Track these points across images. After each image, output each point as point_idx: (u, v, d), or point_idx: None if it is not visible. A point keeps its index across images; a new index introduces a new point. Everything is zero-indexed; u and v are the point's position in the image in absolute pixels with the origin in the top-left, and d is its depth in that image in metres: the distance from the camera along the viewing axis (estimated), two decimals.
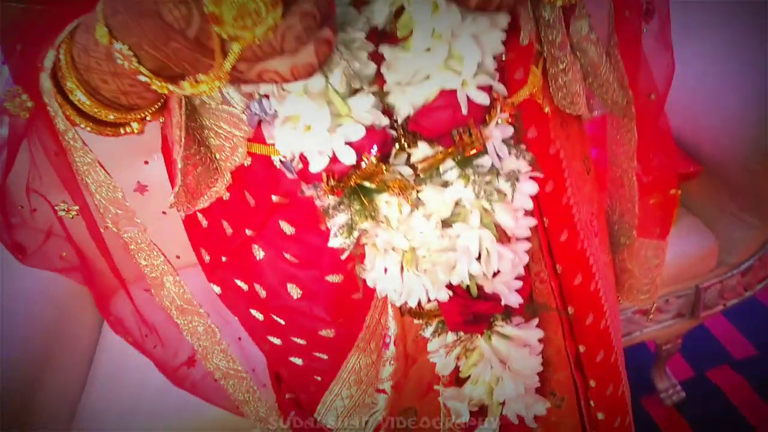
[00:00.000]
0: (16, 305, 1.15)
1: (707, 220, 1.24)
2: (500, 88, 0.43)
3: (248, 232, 0.54)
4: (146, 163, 0.83)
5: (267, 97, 0.44)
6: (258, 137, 0.48)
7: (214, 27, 0.30)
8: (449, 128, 0.43)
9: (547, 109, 0.52)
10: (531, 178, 0.46)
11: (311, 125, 0.42)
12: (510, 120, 0.45)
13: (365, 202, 0.44)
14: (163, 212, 0.65)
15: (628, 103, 0.56)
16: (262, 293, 0.57)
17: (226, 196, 0.53)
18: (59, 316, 1.21)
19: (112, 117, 0.43)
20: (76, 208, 0.49)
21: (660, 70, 0.59)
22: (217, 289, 0.62)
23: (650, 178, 0.64)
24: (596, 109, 0.59)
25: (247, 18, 0.30)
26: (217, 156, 0.50)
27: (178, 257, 0.72)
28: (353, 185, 0.43)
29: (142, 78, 0.36)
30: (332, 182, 0.43)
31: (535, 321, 0.53)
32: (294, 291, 0.55)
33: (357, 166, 0.42)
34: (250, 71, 0.33)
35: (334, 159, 0.42)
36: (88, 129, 0.44)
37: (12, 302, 1.15)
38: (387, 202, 0.45)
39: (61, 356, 1.17)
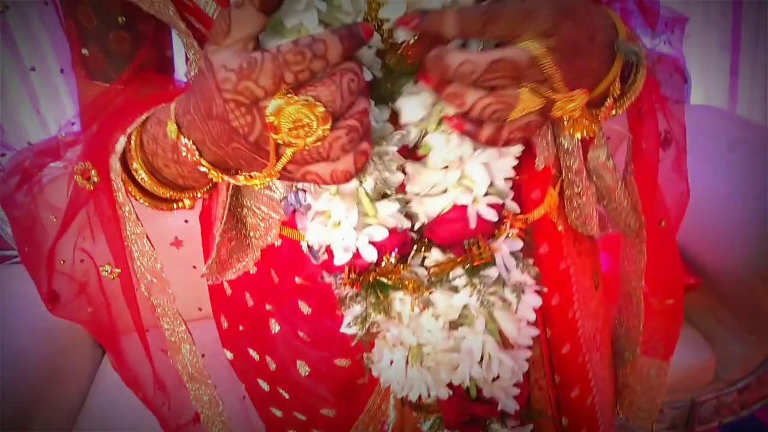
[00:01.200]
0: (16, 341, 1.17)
1: (706, 332, 1.24)
2: (513, 206, 0.47)
3: (268, 306, 0.57)
4: (186, 221, 0.87)
5: (304, 191, 0.48)
6: (291, 222, 0.52)
7: (272, 134, 0.35)
8: (460, 238, 0.46)
9: (560, 228, 0.56)
10: (536, 291, 0.49)
11: (340, 222, 0.45)
12: (520, 234, 0.49)
13: (381, 297, 0.47)
14: (194, 266, 0.68)
15: (640, 227, 0.59)
16: (272, 365, 0.59)
17: (253, 270, 0.56)
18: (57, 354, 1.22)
19: (168, 195, 0.47)
20: (118, 271, 0.53)
21: (674, 198, 0.62)
22: (229, 355, 0.64)
23: (657, 297, 0.66)
24: (609, 228, 0.62)
25: (300, 129, 0.34)
26: (252, 234, 0.54)
27: (200, 309, 0.75)
28: (371, 280, 0.46)
29: (202, 168, 0.41)
30: (353, 275, 0.46)
31: (530, 426, 0.54)
32: (303, 368, 0.57)
33: (377, 263, 0.45)
34: (296, 172, 0.38)
35: (357, 254, 0.46)
36: (146, 204, 0.48)
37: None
38: (401, 300, 0.47)
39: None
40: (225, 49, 0.36)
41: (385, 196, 0.47)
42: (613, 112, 0.47)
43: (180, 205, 0.50)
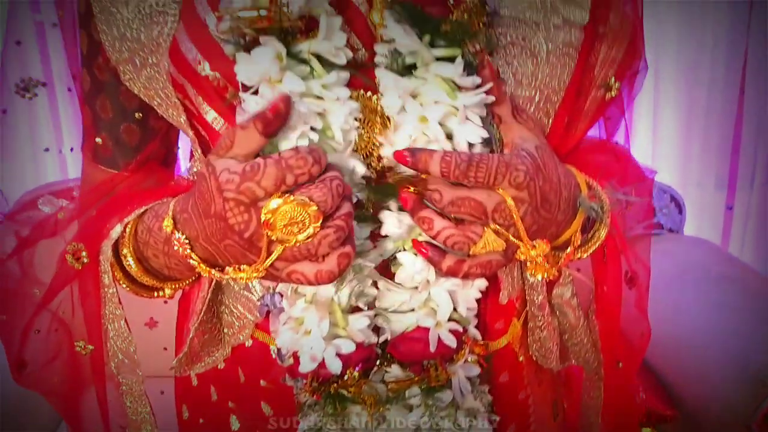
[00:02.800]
0: None
1: None
2: (474, 333, 0.51)
3: (231, 404, 0.59)
4: (165, 302, 0.90)
5: (281, 294, 0.52)
6: (264, 326, 0.55)
7: (268, 231, 0.39)
8: (421, 358, 0.50)
9: (521, 358, 0.59)
10: (488, 420, 0.51)
11: (311, 331, 0.49)
12: (480, 361, 0.52)
13: (339, 408, 0.50)
14: (165, 348, 0.71)
15: (599, 365, 0.63)
16: None
17: (221, 365, 0.59)
18: None
19: (152, 283, 0.51)
20: (91, 348, 0.56)
21: (634, 338, 0.65)
22: None
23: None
24: (571, 361, 0.65)
25: (294, 226, 0.39)
26: (225, 330, 0.58)
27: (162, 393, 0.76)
28: (332, 391, 0.49)
29: (192, 262, 0.45)
30: (315, 384, 0.49)
31: None
32: None
33: (341, 375, 0.48)
34: (283, 270, 0.42)
35: (322, 364, 0.49)
36: (128, 289, 0.52)
37: None
38: (357, 414, 0.50)
39: None
40: (227, 158, 0.41)
41: (356, 309, 0.51)
42: (577, 256, 0.52)
43: (161, 293, 0.54)
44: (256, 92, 0.45)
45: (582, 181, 0.51)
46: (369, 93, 0.50)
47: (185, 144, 0.64)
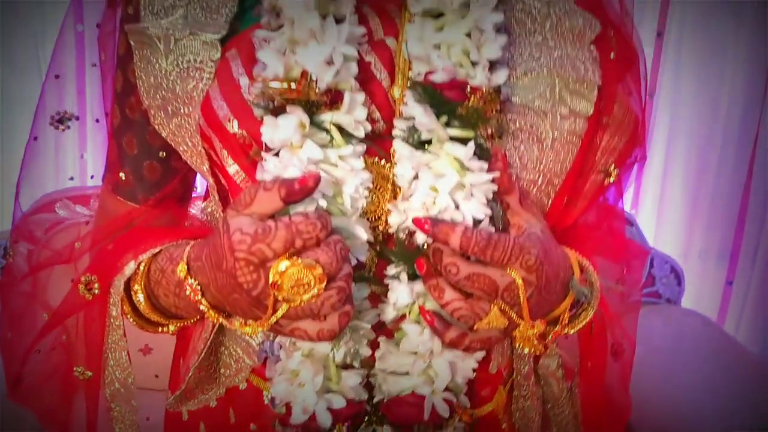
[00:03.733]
0: None
1: None
2: (465, 401, 0.54)
3: None
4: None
5: (280, 345, 0.55)
6: (260, 371, 0.58)
7: (275, 291, 0.42)
8: (412, 422, 0.52)
9: (504, 425, 0.61)
10: None
11: (305, 384, 0.52)
12: (466, 429, 0.55)
13: None
14: (156, 375, 0.73)
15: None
16: None
17: (213, 404, 0.62)
18: None
19: (157, 319, 0.54)
20: (90, 374, 0.59)
21: (614, 412, 0.67)
22: None
23: None
24: (552, 430, 0.67)
25: (300, 287, 0.42)
26: (222, 371, 0.61)
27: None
28: None
29: (202, 308, 0.48)
30: None
31: None
32: None
33: (330, 429, 0.51)
34: (286, 326, 0.45)
35: (313, 416, 0.51)
36: (134, 322, 0.55)
37: None
38: None
39: None
40: (243, 216, 0.45)
41: (349, 366, 0.54)
42: (564, 332, 0.55)
43: (164, 329, 0.57)
44: (277, 154, 0.49)
45: (575, 262, 0.54)
46: (383, 161, 0.54)
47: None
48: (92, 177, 1.48)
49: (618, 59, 0.62)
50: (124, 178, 0.64)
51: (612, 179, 0.62)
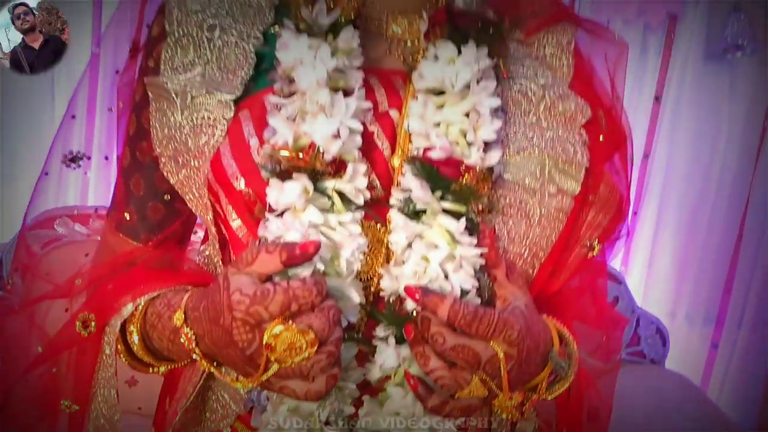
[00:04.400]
0: None
1: None
2: None
3: None
4: None
5: (268, 398, 0.57)
6: (245, 419, 0.60)
7: (268, 353, 0.45)
8: None
9: None
10: None
11: None
12: None
13: None
14: (139, 408, 0.75)
15: None
16: None
17: None
18: None
19: (149, 360, 0.56)
20: (76, 408, 0.61)
21: None
22: None
23: None
24: None
25: (292, 350, 0.45)
26: (208, 415, 0.63)
27: None
28: None
29: (194, 356, 0.50)
30: None
31: None
32: None
33: None
34: (276, 384, 0.48)
35: None
36: (126, 362, 0.58)
37: None
38: None
39: None
40: (243, 274, 0.48)
41: (333, 423, 0.56)
42: (542, 398, 0.58)
43: (155, 370, 0.59)
44: (281, 214, 0.53)
45: (555, 335, 0.57)
46: (379, 225, 0.57)
47: None
48: (96, 210, 1.54)
49: (607, 140, 0.66)
50: (128, 218, 0.67)
51: (595, 253, 0.66)
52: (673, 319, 2.07)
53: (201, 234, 0.74)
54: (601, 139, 0.64)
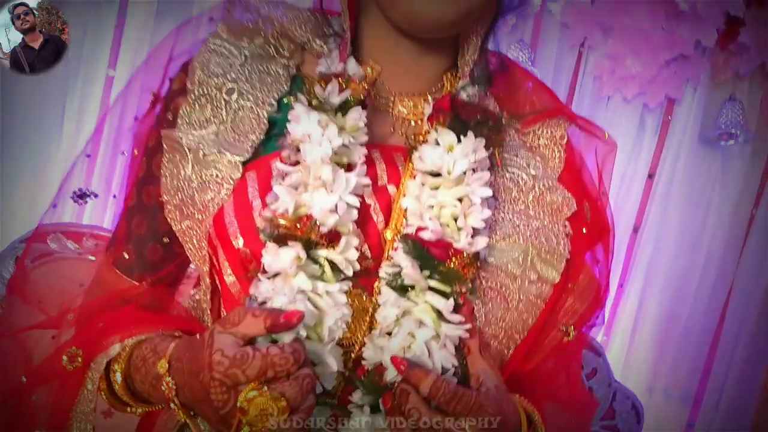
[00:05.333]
0: None
1: None
2: None
3: None
4: None
5: None
6: None
7: (239, 414, 0.47)
8: None
9: None
10: None
11: None
12: None
13: None
14: None
15: None
16: None
17: None
18: None
19: (129, 400, 0.58)
20: None
21: None
22: None
23: None
24: None
25: (264, 416, 0.47)
26: None
27: None
28: None
29: (172, 406, 0.52)
30: None
31: None
32: None
33: None
34: None
35: None
36: (105, 399, 0.60)
37: None
38: None
39: None
40: (228, 334, 0.50)
41: None
42: None
43: (133, 410, 0.61)
44: (273, 277, 0.56)
45: (524, 418, 0.60)
46: (365, 295, 0.60)
47: None
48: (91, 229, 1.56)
49: (590, 232, 0.70)
50: (126, 257, 0.70)
51: (570, 338, 0.69)
52: (651, 395, 2.08)
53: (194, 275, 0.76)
54: (584, 231, 0.68)
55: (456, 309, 0.57)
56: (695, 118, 1.97)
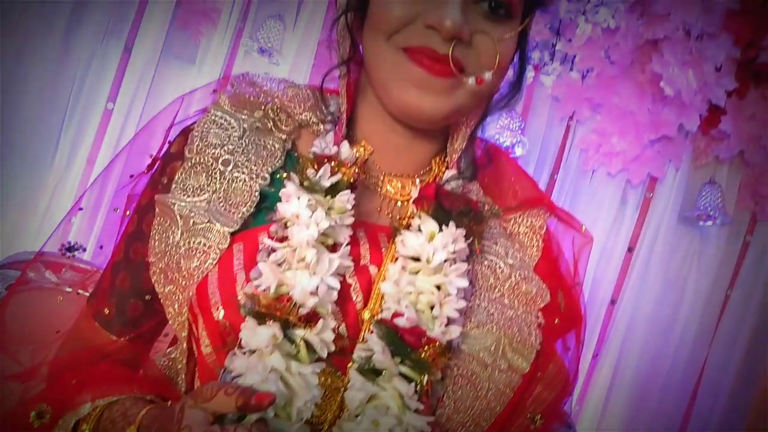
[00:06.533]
0: None
1: None
2: None
3: None
4: None
5: None
6: None
7: None
8: None
9: None
10: None
11: None
12: None
13: None
14: None
15: None
16: None
17: None
18: None
19: None
20: None
21: None
22: None
23: None
24: None
25: None
26: None
27: None
28: None
29: None
30: None
31: None
32: None
33: None
34: None
35: None
36: None
37: None
38: None
39: None
40: (198, 409, 0.51)
41: None
42: None
43: None
44: (249, 352, 0.57)
45: None
46: (339, 373, 0.61)
47: None
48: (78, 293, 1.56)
49: (563, 321, 0.72)
50: (107, 312, 0.70)
51: (537, 426, 0.70)
52: None
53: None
54: (556, 321, 0.70)
55: (419, 396, 0.58)
56: (675, 197, 2.03)
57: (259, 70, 1.97)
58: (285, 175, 0.64)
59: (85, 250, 0.78)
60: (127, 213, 0.72)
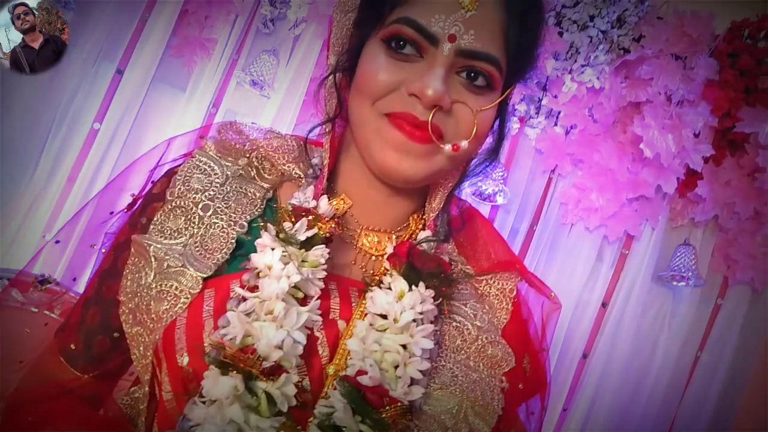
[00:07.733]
0: None
1: None
2: None
3: None
4: None
5: None
6: None
7: None
8: None
9: None
10: None
11: None
12: None
13: None
14: None
15: None
16: None
17: None
18: None
19: None
20: None
21: None
22: None
23: None
24: None
25: None
26: None
27: None
28: None
29: None
30: None
31: None
32: None
33: None
34: None
35: None
36: None
37: None
38: None
39: None
40: None
41: None
42: None
43: None
44: (211, 402, 0.57)
45: None
46: (299, 427, 0.61)
47: None
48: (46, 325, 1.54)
49: (527, 385, 0.73)
50: (74, 348, 0.70)
51: None
52: None
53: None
54: (520, 386, 0.71)
55: None
56: (651, 256, 2.07)
57: (250, 103, 2.02)
58: (262, 224, 0.65)
59: (59, 283, 0.78)
60: (104, 251, 0.72)
